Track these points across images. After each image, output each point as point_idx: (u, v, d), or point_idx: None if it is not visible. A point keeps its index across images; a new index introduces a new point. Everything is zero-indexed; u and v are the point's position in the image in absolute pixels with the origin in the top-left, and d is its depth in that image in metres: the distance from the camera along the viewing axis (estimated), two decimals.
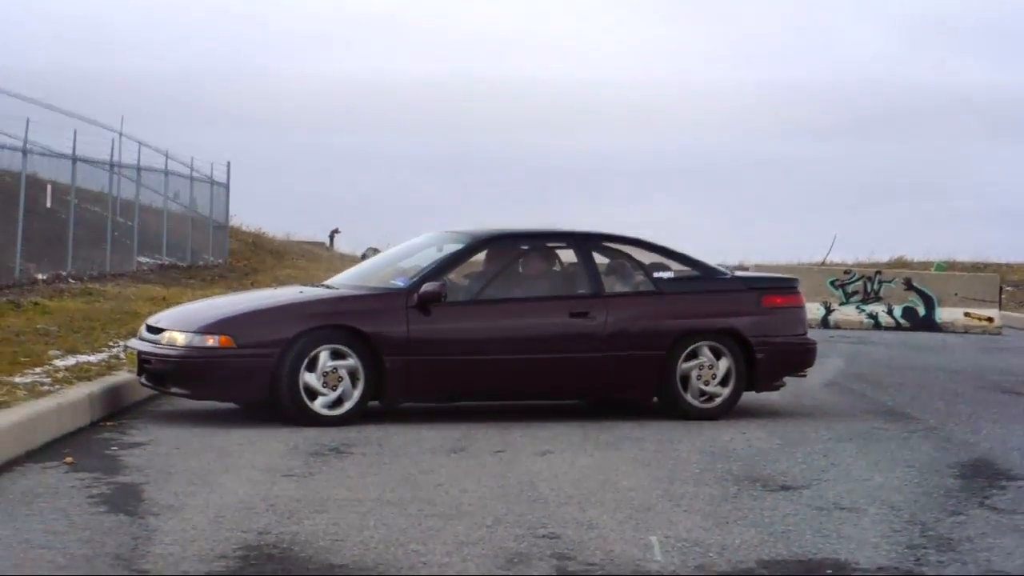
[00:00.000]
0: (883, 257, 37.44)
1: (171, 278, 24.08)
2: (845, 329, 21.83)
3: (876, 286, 22.70)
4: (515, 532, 6.01)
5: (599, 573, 5.35)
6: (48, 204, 20.13)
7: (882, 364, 15.18)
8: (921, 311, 22.49)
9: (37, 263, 19.72)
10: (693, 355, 10.00)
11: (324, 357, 9.14)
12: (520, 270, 10.23)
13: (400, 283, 9.79)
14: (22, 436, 7.59)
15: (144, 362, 9.36)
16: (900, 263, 36.11)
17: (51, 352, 10.92)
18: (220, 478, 7.14)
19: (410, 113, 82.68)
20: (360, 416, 9.22)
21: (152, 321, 9.82)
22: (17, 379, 9.18)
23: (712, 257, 11.35)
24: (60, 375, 9.56)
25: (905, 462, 8.18)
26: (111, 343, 12.08)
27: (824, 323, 22.12)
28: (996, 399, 11.94)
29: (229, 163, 33.33)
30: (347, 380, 9.18)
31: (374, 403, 9.40)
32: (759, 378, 10.16)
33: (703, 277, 10.41)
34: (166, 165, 27.87)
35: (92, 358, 10.78)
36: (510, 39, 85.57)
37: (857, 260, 35.17)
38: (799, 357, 10.49)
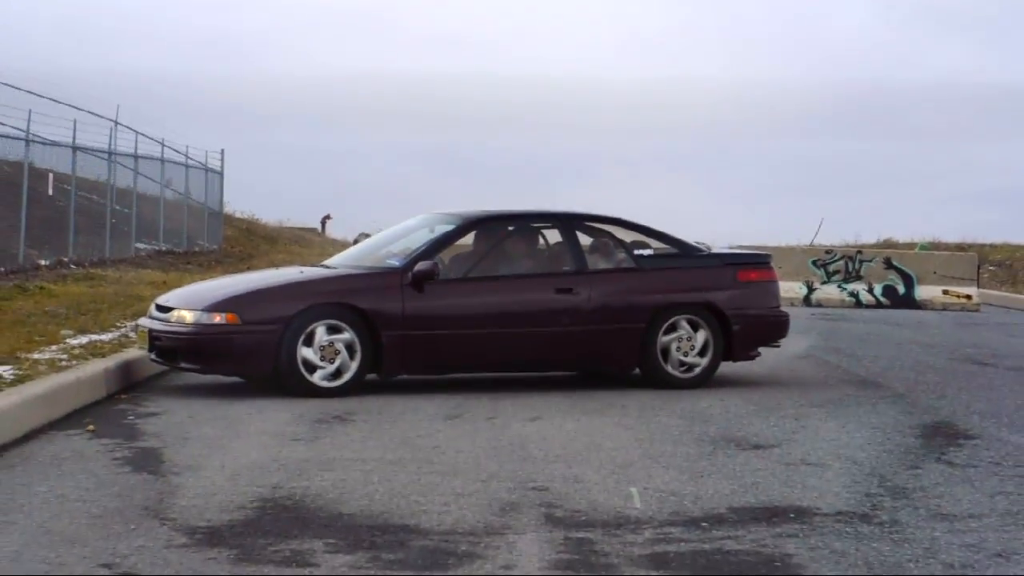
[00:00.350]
0: (871, 239, 38.05)
1: (168, 263, 24.59)
2: (827, 307, 22.39)
3: (857, 265, 23.26)
4: (507, 486, 6.56)
5: (583, 519, 5.91)
6: (50, 192, 20.62)
7: (859, 339, 15.74)
8: (901, 289, 23.06)
9: (39, 250, 20.23)
10: (672, 328, 10.58)
11: (322, 332, 9.67)
12: (508, 249, 10.78)
13: (395, 263, 10.32)
14: (46, 407, 8.14)
15: (155, 339, 9.88)
16: (888, 244, 36.65)
17: (63, 332, 11.46)
18: (232, 443, 7.69)
19: (403, 105, 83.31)
20: (358, 388, 9.76)
21: (161, 300, 10.35)
22: (36, 355, 9.73)
23: (704, 241, 11.92)
24: (76, 352, 10.10)
25: (871, 424, 8.76)
26: (119, 324, 12.61)
27: (806, 301, 22.70)
28: (965, 369, 12.50)
29: (223, 151, 33.90)
30: (344, 354, 9.72)
31: (371, 376, 9.95)
32: (735, 349, 10.74)
33: (681, 254, 10.98)
34: (162, 153, 28.38)
35: (103, 337, 11.33)
36: (502, 34, 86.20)
37: (845, 242, 35.76)
38: (773, 328, 11.08)
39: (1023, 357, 14.02)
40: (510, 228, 10.91)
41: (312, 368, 9.66)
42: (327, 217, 51.75)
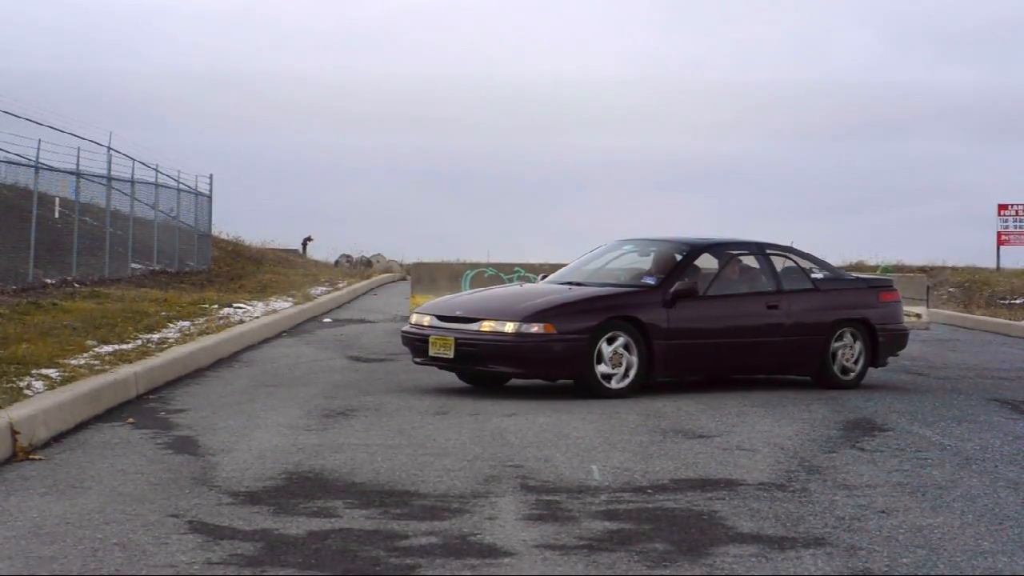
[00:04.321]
0: (838, 263, 39.60)
1: (163, 283, 25.86)
2: None
3: None
4: (489, 464, 7.92)
5: (551, 487, 7.26)
6: (56, 215, 21.88)
7: None
8: None
9: (44, 269, 21.48)
10: (839, 338, 12.66)
11: (612, 341, 11.26)
12: (725, 272, 12.46)
13: (650, 281, 12.00)
14: (91, 403, 9.46)
15: (463, 346, 11.20)
16: (858, 267, 38.22)
17: (88, 342, 12.75)
18: (255, 432, 9.02)
19: (378, 122, 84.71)
20: (636, 390, 11.35)
21: (445, 312, 11.67)
22: (72, 361, 11.03)
23: None
24: (107, 359, 11.41)
25: (802, 419, 10.15)
26: (135, 336, 13.91)
27: None
28: (897, 378, 13.90)
29: (212, 176, 35.19)
30: (629, 359, 11.31)
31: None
32: (879, 356, 13.06)
33: (837, 277, 13.16)
34: (156, 179, 29.64)
35: (126, 347, 12.63)
36: (500, 42, 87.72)
37: None
38: (901, 340, 13.49)
39: (955, 369, 15.41)
40: (729, 253, 12.61)
41: (605, 373, 11.22)
42: (308, 239, 53.21)
